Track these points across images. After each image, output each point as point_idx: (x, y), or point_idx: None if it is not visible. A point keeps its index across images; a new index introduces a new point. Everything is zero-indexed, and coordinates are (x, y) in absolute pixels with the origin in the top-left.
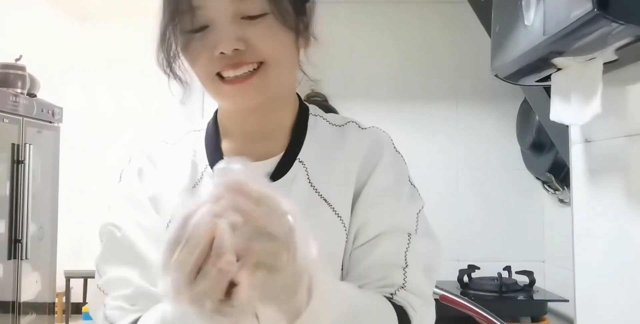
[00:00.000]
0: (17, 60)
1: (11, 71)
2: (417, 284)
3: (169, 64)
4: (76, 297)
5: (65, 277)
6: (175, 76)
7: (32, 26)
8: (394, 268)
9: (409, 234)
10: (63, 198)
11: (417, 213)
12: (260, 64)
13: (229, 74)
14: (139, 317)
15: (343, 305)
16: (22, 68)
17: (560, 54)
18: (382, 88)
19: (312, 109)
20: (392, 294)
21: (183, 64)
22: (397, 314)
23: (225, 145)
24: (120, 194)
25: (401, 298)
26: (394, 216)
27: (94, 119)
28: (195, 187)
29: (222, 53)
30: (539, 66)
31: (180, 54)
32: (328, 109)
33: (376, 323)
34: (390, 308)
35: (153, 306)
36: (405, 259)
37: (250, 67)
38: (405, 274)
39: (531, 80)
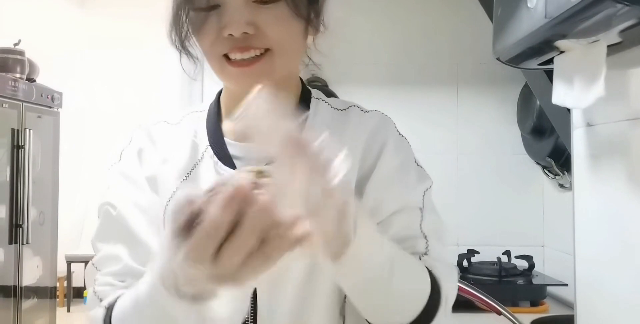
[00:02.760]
0: (15, 45)
1: (10, 56)
2: (438, 251)
3: (181, 41)
4: (77, 281)
5: (67, 261)
6: (187, 53)
7: (31, 11)
8: (414, 238)
9: (420, 209)
10: (64, 183)
11: (424, 191)
12: (267, 50)
13: (235, 56)
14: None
15: (383, 249)
16: (21, 53)
17: (563, 36)
18: (382, 73)
19: (315, 92)
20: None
21: (195, 41)
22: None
23: (226, 126)
24: (119, 173)
25: (426, 262)
26: (404, 196)
27: (93, 104)
28: (195, 167)
29: (230, 35)
30: (541, 49)
31: (190, 31)
32: (329, 93)
33: (411, 273)
34: (422, 264)
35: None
36: (422, 231)
37: (257, 52)
38: (427, 243)
39: (533, 63)
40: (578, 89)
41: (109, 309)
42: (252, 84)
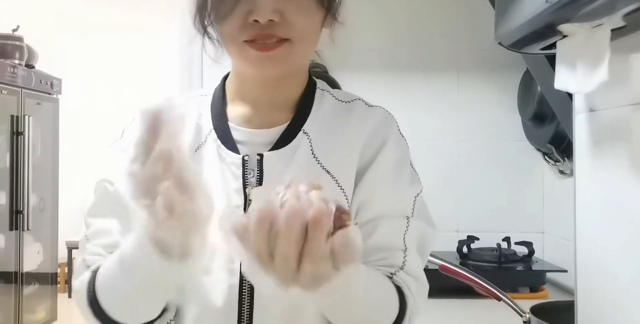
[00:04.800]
0: (14, 30)
1: (9, 42)
2: (413, 266)
3: (204, 25)
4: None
5: (67, 248)
6: (210, 36)
7: None
8: (394, 250)
9: (407, 218)
10: (64, 170)
11: (415, 197)
12: (287, 40)
13: (257, 40)
14: None
15: (356, 281)
16: (20, 39)
17: (566, 20)
18: (382, 59)
19: (320, 83)
20: (392, 274)
21: (216, 26)
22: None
23: (231, 111)
24: (121, 150)
25: (400, 278)
26: (394, 198)
27: (93, 90)
28: (198, 149)
29: (255, 21)
30: (544, 33)
31: (212, 15)
32: (329, 80)
33: (381, 300)
34: (392, 286)
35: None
36: (404, 242)
37: (278, 39)
38: (405, 257)
39: (535, 48)
40: (581, 73)
41: (94, 272)
42: (271, 69)
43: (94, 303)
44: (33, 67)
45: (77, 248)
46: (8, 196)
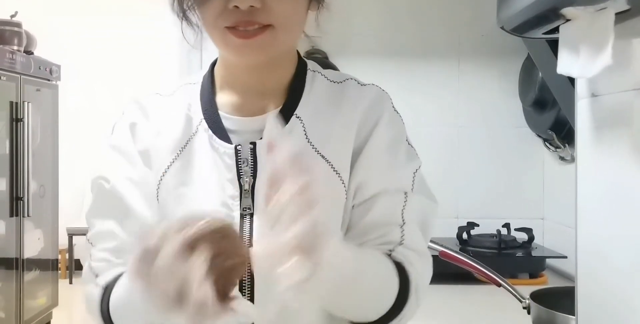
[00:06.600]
0: (12, 16)
1: (7, 28)
2: (413, 240)
3: (183, 10)
4: (79, 253)
5: (68, 234)
6: (189, 21)
7: None
8: (392, 226)
9: (406, 193)
10: (63, 156)
11: (414, 172)
12: (269, 26)
13: (239, 27)
14: (123, 272)
15: (344, 268)
16: (18, 25)
17: (570, 3)
18: (382, 45)
19: (311, 65)
20: (390, 250)
21: (197, 13)
22: (397, 270)
23: (220, 99)
24: (111, 146)
25: (399, 254)
26: (392, 175)
27: (92, 76)
28: (189, 141)
29: (236, 7)
30: (547, 17)
31: (193, 2)
32: (328, 66)
33: (376, 282)
34: (390, 264)
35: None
36: (402, 217)
37: (261, 25)
38: (403, 232)
39: (538, 33)
40: (584, 58)
41: (107, 290)
42: (254, 56)
43: (107, 321)
44: (32, 53)
45: (77, 234)
46: (8, 182)
